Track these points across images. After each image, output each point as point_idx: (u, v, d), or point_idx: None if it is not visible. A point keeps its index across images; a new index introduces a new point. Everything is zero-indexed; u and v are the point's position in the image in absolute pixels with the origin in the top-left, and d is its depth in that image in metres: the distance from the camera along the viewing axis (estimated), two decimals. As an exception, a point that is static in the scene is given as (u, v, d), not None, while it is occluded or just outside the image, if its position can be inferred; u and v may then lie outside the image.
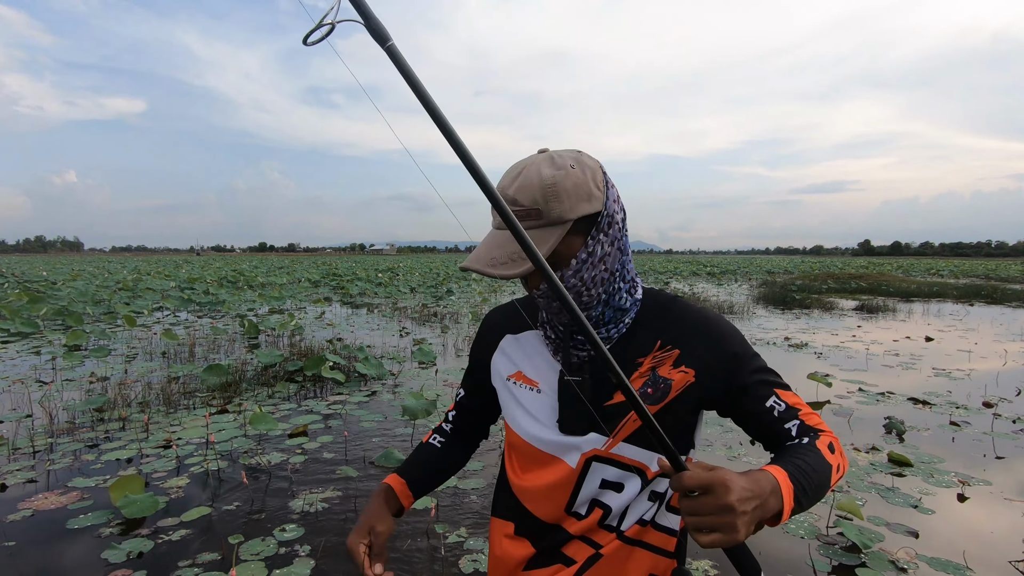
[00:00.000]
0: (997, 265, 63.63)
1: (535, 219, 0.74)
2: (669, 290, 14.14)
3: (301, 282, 23.13)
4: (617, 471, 0.84)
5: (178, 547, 2.77)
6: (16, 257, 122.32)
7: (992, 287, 21.04)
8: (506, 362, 0.96)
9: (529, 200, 0.74)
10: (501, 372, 0.96)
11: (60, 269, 35.87)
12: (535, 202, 0.74)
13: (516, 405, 0.92)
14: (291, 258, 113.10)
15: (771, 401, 0.81)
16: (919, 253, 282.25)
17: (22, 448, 4.06)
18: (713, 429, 4.66)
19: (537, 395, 0.89)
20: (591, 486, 0.86)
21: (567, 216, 0.74)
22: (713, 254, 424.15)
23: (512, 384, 0.93)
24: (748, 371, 0.82)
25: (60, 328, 9.67)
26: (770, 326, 10.98)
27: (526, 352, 0.93)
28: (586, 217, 0.77)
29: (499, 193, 0.67)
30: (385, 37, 0.60)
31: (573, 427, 0.85)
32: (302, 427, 4.52)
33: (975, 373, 6.90)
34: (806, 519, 3.12)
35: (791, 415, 0.81)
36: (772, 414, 0.81)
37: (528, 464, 0.91)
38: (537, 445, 0.89)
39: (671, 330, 0.85)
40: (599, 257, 0.79)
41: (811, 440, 0.78)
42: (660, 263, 56.67)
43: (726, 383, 0.82)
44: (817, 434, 0.79)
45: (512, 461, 0.96)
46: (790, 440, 0.81)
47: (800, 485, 0.69)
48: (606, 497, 0.86)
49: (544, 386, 0.89)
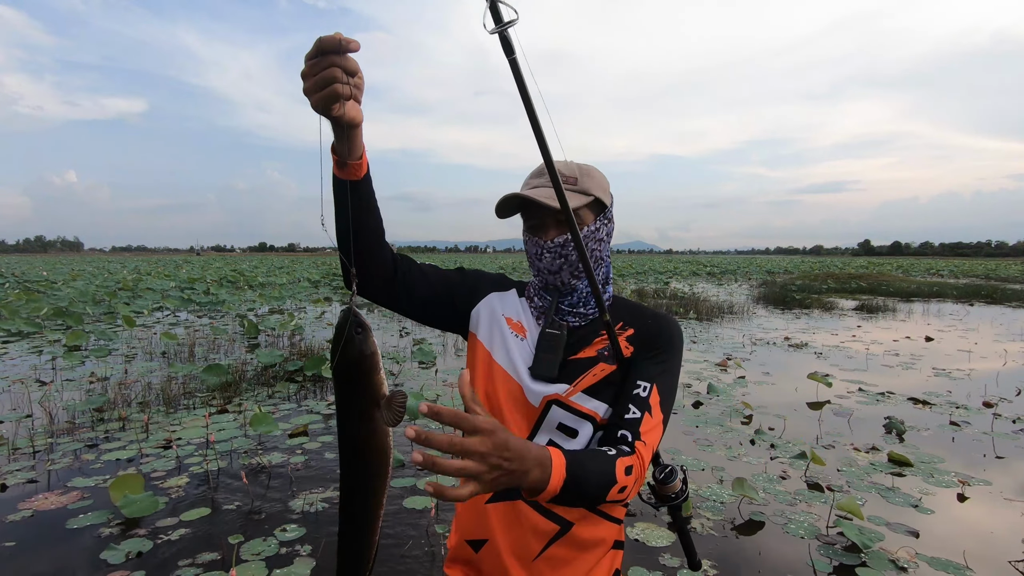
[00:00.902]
0: (997, 265, 63.63)
1: (571, 184, 1.00)
2: (669, 290, 14.04)
3: (301, 282, 23.13)
4: (574, 417, 0.99)
5: (178, 547, 2.77)
6: (16, 257, 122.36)
7: (992, 287, 21.04)
8: (500, 305, 1.12)
9: (569, 171, 1.02)
10: (496, 309, 1.11)
11: (60, 269, 35.87)
12: (573, 172, 1.02)
13: (502, 340, 1.07)
14: (291, 258, 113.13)
15: (634, 411, 0.95)
16: (919, 253, 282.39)
17: (22, 448, 4.06)
18: (713, 429, 4.66)
19: (520, 342, 1.06)
20: (549, 426, 1.00)
21: (591, 191, 1.02)
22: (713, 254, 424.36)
23: (504, 323, 1.09)
24: (654, 369, 0.99)
25: (60, 328, 9.67)
26: (770, 326, 10.98)
27: (513, 307, 1.12)
28: (600, 202, 1.04)
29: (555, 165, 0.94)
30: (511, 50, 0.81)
31: (542, 373, 1.01)
32: (302, 427, 4.52)
33: (975, 373, 6.91)
34: (806, 519, 3.12)
35: (633, 429, 0.94)
36: (625, 416, 0.95)
37: (497, 391, 1.04)
38: (513, 376, 1.04)
39: (630, 317, 1.06)
40: (600, 237, 1.04)
41: (616, 454, 0.86)
42: (660, 263, 56.62)
43: (638, 359, 1.00)
44: (627, 454, 0.88)
45: (481, 391, 1.06)
46: (609, 444, 0.93)
47: (574, 479, 0.76)
48: (561, 440, 1.00)
49: (528, 336, 1.07)
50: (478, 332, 1.11)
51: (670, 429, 4.69)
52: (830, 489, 3.52)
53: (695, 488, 3.50)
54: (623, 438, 0.93)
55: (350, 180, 0.88)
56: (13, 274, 27.18)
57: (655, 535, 2.94)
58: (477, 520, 1.03)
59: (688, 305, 13.67)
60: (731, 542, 2.90)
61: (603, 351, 1.01)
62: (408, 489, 3.46)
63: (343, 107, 0.76)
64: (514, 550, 0.99)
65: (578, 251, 0.93)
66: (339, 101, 0.74)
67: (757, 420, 4.95)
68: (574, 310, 1.05)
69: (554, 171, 0.89)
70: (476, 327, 1.11)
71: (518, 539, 0.99)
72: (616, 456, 0.86)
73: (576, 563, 1.00)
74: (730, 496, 3.38)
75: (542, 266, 1.04)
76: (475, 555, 1.03)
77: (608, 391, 0.99)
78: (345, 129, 0.80)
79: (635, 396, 0.96)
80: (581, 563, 1.00)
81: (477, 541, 1.03)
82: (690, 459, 3.99)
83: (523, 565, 0.98)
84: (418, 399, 4.75)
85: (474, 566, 1.05)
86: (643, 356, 1.00)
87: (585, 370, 1.00)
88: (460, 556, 1.09)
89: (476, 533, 1.03)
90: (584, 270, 0.95)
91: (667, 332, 1.02)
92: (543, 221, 1.02)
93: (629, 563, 2.68)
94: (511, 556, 0.99)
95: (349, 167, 0.86)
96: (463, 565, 1.08)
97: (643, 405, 0.95)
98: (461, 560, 1.09)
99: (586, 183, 1.01)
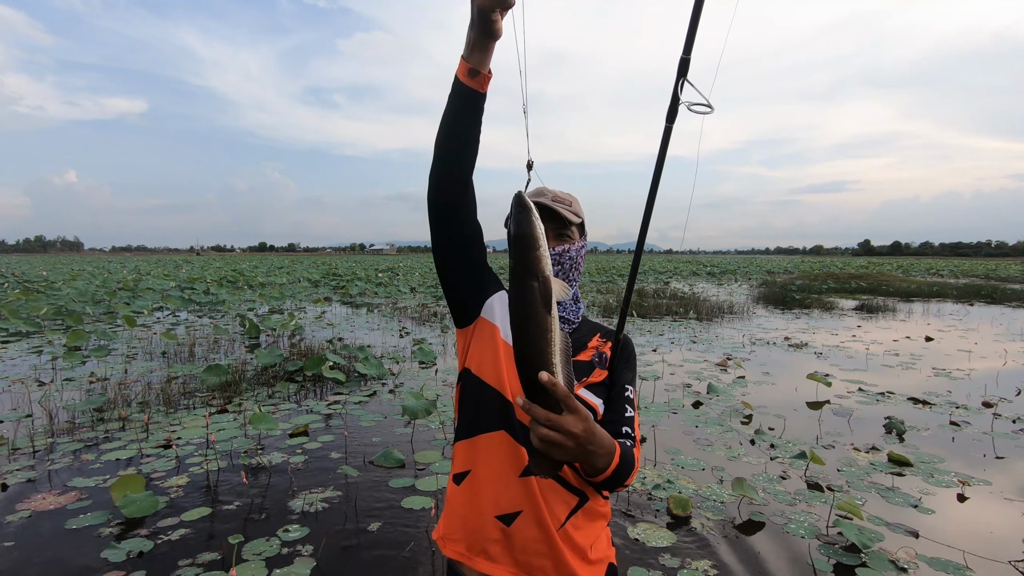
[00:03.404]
0: (997, 265, 63.62)
1: (567, 206, 1.20)
2: (669, 290, 14.05)
3: (301, 282, 23.13)
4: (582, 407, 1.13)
5: (178, 547, 2.77)
6: (16, 257, 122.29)
7: (992, 287, 21.04)
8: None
9: (565, 196, 1.23)
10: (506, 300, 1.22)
11: (60, 269, 35.87)
12: (568, 197, 1.23)
13: None
14: (291, 258, 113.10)
15: (629, 411, 1.17)
16: (919, 253, 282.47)
17: (22, 448, 4.06)
18: (713, 429, 4.66)
19: None
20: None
21: (580, 215, 1.23)
22: (713, 254, 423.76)
23: None
24: (629, 375, 1.21)
25: (60, 328, 9.67)
26: (770, 326, 10.98)
27: None
28: (582, 226, 1.25)
29: (547, 190, 1.22)
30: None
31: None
32: (302, 427, 4.52)
33: (975, 373, 6.91)
34: (806, 519, 3.12)
35: (632, 425, 1.16)
36: (625, 414, 1.16)
37: (515, 378, 1.09)
38: None
39: (603, 332, 1.28)
40: (583, 254, 1.24)
41: (631, 445, 1.11)
42: (660, 263, 56.66)
43: (617, 366, 1.20)
44: (634, 445, 1.12)
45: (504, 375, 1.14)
46: (620, 438, 1.10)
47: (621, 466, 1.00)
48: None
49: None
50: (494, 319, 1.20)
51: (670, 429, 4.69)
52: (830, 489, 3.52)
53: (695, 488, 3.50)
54: (627, 434, 1.13)
55: (476, 90, 1.01)
56: (13, 274, 27.18)
57: (655, 535, 2.94)
58: (513, 493, 1.09)
59: (688, 305, 13.67)
60: (731, 542, 2.90)
61: (595, 357, 1.20)
62: (408, 489, 3.46)
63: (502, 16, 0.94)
64: (548, 518, 1.08)
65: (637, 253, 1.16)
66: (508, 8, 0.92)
67: (757, 420, 4.95)
68: (564, 316, 1.21)
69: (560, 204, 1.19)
70: (492, 315, 1.21)
71: (551, 508, 1.08)
72: (632, 447, 1.10)
73: (589, 530, 1.13)
74: (730, 496, 3.38)
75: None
76: (507, 529, 1.08)
77: (602, 390, 1.19)
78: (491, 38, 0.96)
79: (627, 398, 1.18)
80: (592, 529, 1.15)
81: (510, 515, 1.09)
82: (690, 459, 3.99)
83: (553, 532, 1.08)
84: (418, 399, 4.75)
85: (503, 543, 1.09)
86: (620, 364, 1.21)
87: (585, 371, 1.18)
88: (487, 538, 1.09)
89: (509, 507, 1.09)
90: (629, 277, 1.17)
91: (631, 346, 1.25)
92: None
93: (629, 563, 2.68)
94: (545, 524, 1.07)
95: (480, 77, 1.00)
96: (492, 545, 1.09)
97: (632, 405, 1.18)
98: (489, 540, 1.09)
99: (577, 207, 1.22)
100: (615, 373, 1.19)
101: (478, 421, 1.15)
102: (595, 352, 1.21)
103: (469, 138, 1.04)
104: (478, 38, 0.96)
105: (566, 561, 1.07)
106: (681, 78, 0.96)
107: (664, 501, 3.31)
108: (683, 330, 10.31)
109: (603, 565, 1.16)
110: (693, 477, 3.69)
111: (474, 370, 1.18)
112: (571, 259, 1.19)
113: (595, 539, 1.15)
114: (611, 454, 0.94)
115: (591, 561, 1.12)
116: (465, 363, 1.21)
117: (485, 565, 1.10)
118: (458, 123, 1.02)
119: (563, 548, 1.08)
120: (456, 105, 1.01)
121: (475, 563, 1.11)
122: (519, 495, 1.08)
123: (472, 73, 0.99)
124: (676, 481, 3.60)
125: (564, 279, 1.19)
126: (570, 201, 1.21)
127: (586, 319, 1.30)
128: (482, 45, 0.97)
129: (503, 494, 1.09)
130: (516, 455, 1.09)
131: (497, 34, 0.96)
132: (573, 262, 1.20)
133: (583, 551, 1.11)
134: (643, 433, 4.54)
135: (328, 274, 29.27)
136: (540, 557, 1.07)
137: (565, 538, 1.09)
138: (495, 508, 1.09)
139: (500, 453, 1.11)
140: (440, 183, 1.07)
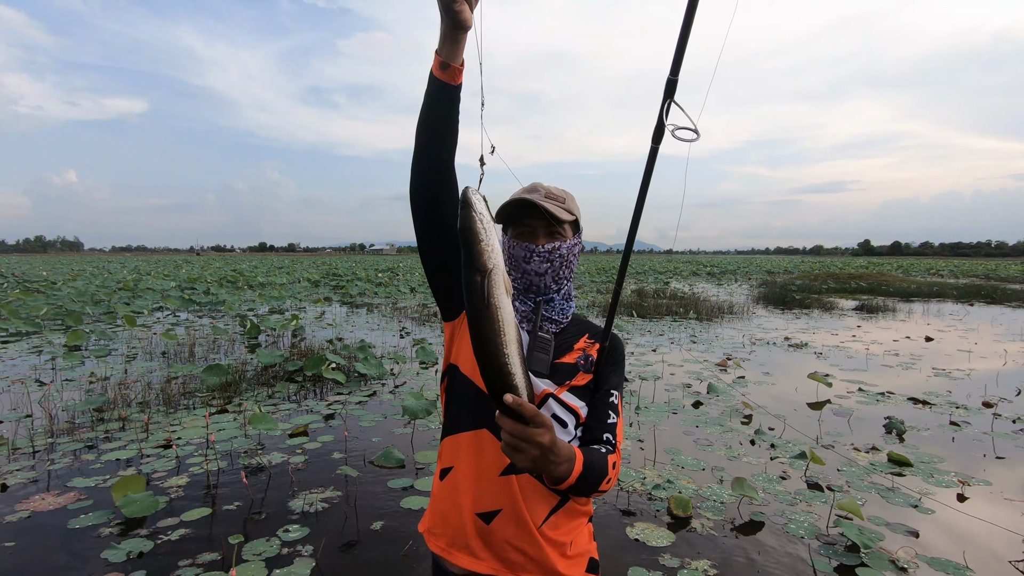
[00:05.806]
0: (997, 265, 63.61)
1: (560, 203, 1.18)
2: (669, 290, 14.06)
3: (301, 282, 23.13)
4: (564, 411, 1.14)
5: (178, 547, 2.77)
6: (16, 257, 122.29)
7: (992, 287, 21.05)
8: None
9: (559, 192, 1.21)
10: None
11: (60, 269, 35.87)
12: (561, 194, 1.21)
13: None
14: (291, 258, 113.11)
15: (612, 416, 1.16)
16: (919, 253, 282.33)
17: (22, 448, 4.06)
18: (713, 429, 4.67)
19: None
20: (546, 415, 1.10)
21: (574, 211, 1.20)
22: (713, 254, 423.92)
23: None
24: (615, 379, 1.20)
25: (60, 328, 9.67)
26: (770, 326, 10.98)
27: None
28: (577, 222, 1.22)
29: (541, 186, 1.20)
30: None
31: (537, 370, 1.12)
32: (302, 427, 4.52)
33: (975, 373, 6.91)
34: (806, 519, 3.12)
35: (613, 431, 1.15)
36: (606, 420, 1.15)
37: None
38: None
39: (591, 332, 1.24)
40: (575, 252, 1.21)
41: (606, 452, 1.09)
42: (660, 263, 56.61)
43: (603, 370, 1.19)
44: (611, 452, 1.10)
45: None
46: (595, 442, 1.12)
47: (586, 473, 0.98)
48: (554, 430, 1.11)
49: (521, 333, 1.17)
50: None
51: (670, 429, 4.69)
52: (830, 489, 3.52)
53: (696, 488, 3.50)
54: (607, 440, 1.13)
55: (448, 83, 1.03)
56: (13, 274, 27.18)
57: (655, 535, 2.94)
58: (493, 492, 1.10)
59: (688, 305, 13.67)
60: (731, 542, 2.90)
61: (580, 360, 1.19)
62: (407, 489, 3.46)
63: (464, 5, 0.94)
64: (527, 517, 1.09)
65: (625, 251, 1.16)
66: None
67: (757, 420, 4.95)
68: (551, 316, 1.20)
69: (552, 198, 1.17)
70: None
71: (531, 506, 1.09)
72: (607, 454, 1.07)
73: (569, 527, 1.15)
74: (730, 496, 3.38)
75: (529, 268, 1.16)
76: (486, 527, 1.10)
77: (585, 393, 1.17)
78: (458, 29, 0.97)
79: (610, 403, 1.17)
80: (573, 526, 1.16)
81: (490, 513, 1.10)
82: (690, 459, 3.99)
83: (533, 530, 1.09)
84: (419, 399, 4.76)
85: (484, 540, 1.10)
86: (607, 368, 1.20)
87: (569, 374, 1.17)
88: (468, 534, 1.11)
89: (490, 505, 1.10)
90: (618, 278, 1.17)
91: (620, 348, 1.23)
92: (534, 229, 1.17)
93: (629, 563, 2.68)
94: (524, 523, 1.09)
95: (451, 69, 1.02)
96: (473, 540, 1.11)
97: (615, 410, 1.17)
98: (470, 536, 1.11)
99: (571, 204, 1.20)
100: (600, 377, 1.19)
101: (461, 418, 1.16)
102: (581, 355, 1.19)
103: (445, 129, 1.07)
104: (447, 30, 0.99)
105: (546, 557, 1.10)
106: (668, 100, 0.94)
107: (664, 501, 3.31)
108: (683, 330, 10.31)
109: (584, 559, 1.18)
110: (693, 477, 3.69)
111: (458, 366, 1.19)
112: (561, 257, 1.17)
113: (576, 535, 1.16)
114: (570, 461, 0.94)
115: (571, 556, 1.14)
116: (451, 359, 1.21)
117: (467, 560, 1.11)
118: (434, 115, 1.06)
119: (543, 545, 1.10)
120: (431, 98, 1.05)
121: (457, 558, 1.12)
122: (499, 493, 1.09)
123: (443, 66, 1.02)
124: (676, 481, 3.60)
125: (554, 277, 1.18)
126: (563, 198, 1.19)
127: (576, 317, 1.28)
128: (452, 37, 1.00)
129: (483, 492, 1.10)
130: (497, 453, 1.09)
131: (465, 24, 0.97)
132: (564, 260, 1.18)
133: (563, 547, 1.13)
134: (643, 433, 4.54)
135: (328, 274, 29.28)
136: (520, 554, 1.09)
137: (545, 535, 1.10)
138: (475, 506, 1.11)
139: (482, 451, 1.11)
140: (420, 173, 1.09)
